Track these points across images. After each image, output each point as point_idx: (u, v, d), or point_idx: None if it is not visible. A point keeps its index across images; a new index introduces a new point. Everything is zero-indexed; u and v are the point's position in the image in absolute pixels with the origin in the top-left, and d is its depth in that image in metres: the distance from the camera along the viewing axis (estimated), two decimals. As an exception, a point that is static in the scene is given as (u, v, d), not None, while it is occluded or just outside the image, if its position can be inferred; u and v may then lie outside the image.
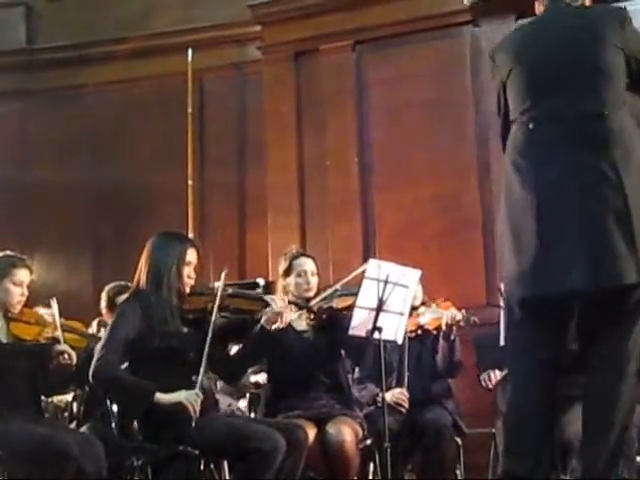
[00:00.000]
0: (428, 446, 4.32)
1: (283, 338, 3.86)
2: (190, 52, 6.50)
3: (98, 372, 3.35)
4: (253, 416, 4.44)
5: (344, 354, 4.12)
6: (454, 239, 6.01)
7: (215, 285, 3.66)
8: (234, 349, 3.94)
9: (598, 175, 2.64)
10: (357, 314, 3.82)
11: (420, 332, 4.60)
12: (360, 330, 3.83)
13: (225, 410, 4.38)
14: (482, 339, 4.83)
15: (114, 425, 3.49)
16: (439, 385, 4.65)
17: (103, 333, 4.10)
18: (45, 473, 3.27)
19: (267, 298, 3.70)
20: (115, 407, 3.58)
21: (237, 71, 7.30)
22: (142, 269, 3.58)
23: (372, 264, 3.87)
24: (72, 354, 3.67)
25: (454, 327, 4.52)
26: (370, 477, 4.28)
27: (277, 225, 6.51)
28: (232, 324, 3.69)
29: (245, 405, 4.86)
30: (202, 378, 3.39)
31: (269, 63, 6.82)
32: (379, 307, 3.81)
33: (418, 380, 4.55)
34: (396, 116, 6.39)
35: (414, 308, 4.46)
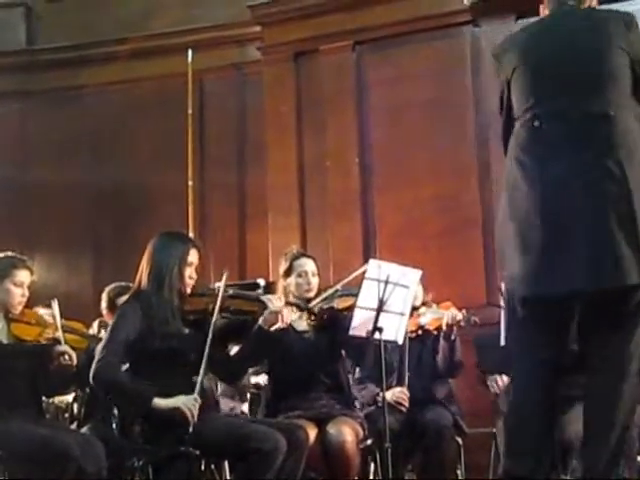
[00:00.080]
0: (429, 446, 4.32)
1: (283, 338, 3.86)
2: (190, 53, 6.50)
3: (98, 374, 3.35)
4: (253, 416, 4.43)
5: (344, 354, 4.12)
6: (454, 239, 6.01)
7: (215, 285, 3.66)
8: (234, 350, 3.93)
9: (602, 172, 2.63)
10: (358, 314, 3.82)
11: (421, 332, 4.60)
12: (361, 330, 3.82)
13: (227, 413, 4.37)
14: (482, 339, 4.83)
15: (115, 426, 3.49)
16: (442, 390, 4.63)
17: (104, 334, 4.10)
18: (46, 474, 3.27)
19: (263, 298, 3.69)
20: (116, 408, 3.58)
21: (237, 71, 7.30)
22: (143, 269, 3.57)
23: (372, 264, 3.87)
24: (72, 355, 3.67)
25: (454, 327, 4.51)
26: (371, 477, 4.28)
27: (277, 225, 6.51)
28: (232, 325, 3.68)
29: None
30: (201, 381, 3.39)
31: (269, 63, 6.82)
32: (380, 307, 3.81)
33: (419, 380, 4.55)
34: (396, 116, 6.39)
35: (415, 308, 4.46)
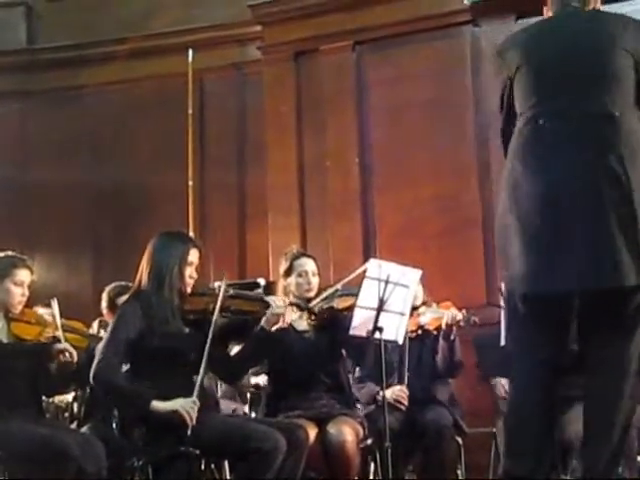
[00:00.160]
0: (429, 446, 4.32)
1: (284, 338, 3.86)
2: (190, 52, 6.50)
3: (98, 374, 3.35)
4: (254, 416, 4.43)
5: (345, 354, 4.13)
6: (454, 239, 6.01)
7: (216, 285, 3.66)
8: (235, 350, 3.94)
9: (605, 172, 2.63)
10: (358, 314, 3.82)
11: (420, 332, 4.60)
12: (361, 330, 3.82)
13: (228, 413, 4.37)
14: (482, 339, 4.83)
15: (115, 426, 3.48)
16: (442, 389, 4.62)
17: (104, 333, 4.11)
18: (45, 473, 3.26)
19: (267, 299, 3.70)
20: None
21: (237, 71, 7.30)
22: (144, 269, 3.57)
23: (373, 264, 3.87)
24: (73, 352, 3.66)
25: (454, 327, 4.51)
26: (371, 477, 4.28)
27: (277, 225, 6.51)
28: (233, 324, 3.68)
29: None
30: (201, 382, 3.38)
31: (269, 63, 6.82)
32: (380, 307, 3.81)
33: (418, 380, 4.54)
34: (396, 116, 6.39)
35: (414, 308, 4.46)
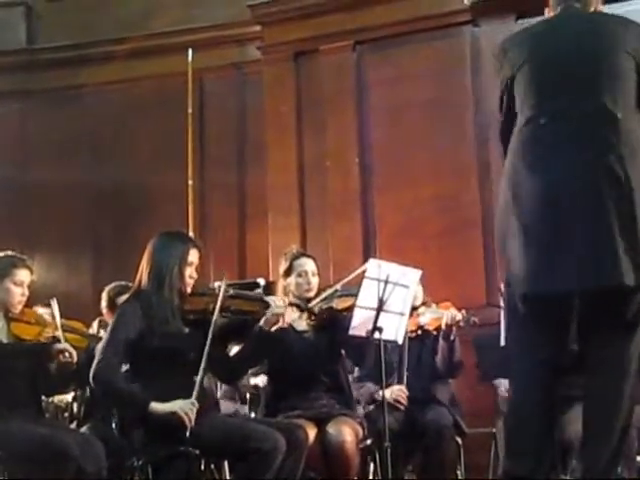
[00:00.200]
0: (429, 446, 4.31)
1: (283, 338, 3.86)
2: (190, 52, 6.51)
3: (98, 375, 3.34)
4: (253, 416, 4.43)
5: (344, 354, 4.12)
6: (454, 239, 6.01)
7: (215, 285, 3.66)
8: (234, 350, 3.93)
9: (605, 172, 2.63)
10: (357, 314, 3.81)
11: (420, 332, 4.60)
12: (360, 330, 3.82)
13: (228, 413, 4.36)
14: (482, 339, 4.83)
15: (114, 425, 3.48)
16: (442, 390, 4.61)
17: (104, 333, 4.10)
18: (45, 473, 3.27)
19: (267, 299, 3.70)
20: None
21: (237, 71, 7.30)
22: (144, 269, 3.56)
23: (372, 264, 3.87)
24: (72, 352, 3.67)
25: (454, 327, 4.51)
26: (370, 477, 4.28)
27: (277, 225, 6.51)
28: (233, 324, 3.68)
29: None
30: (200, 382, 3.37)
31: (269, 63, 6.82)
32: (379, 307, 3.81)
33: (418, 380, 4.54)
34: (396, 116, 6.39)
35: (414, 308, 4.46)
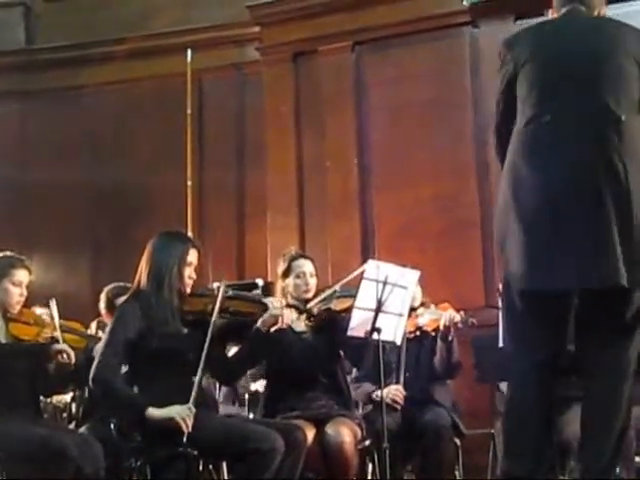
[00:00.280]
0: (427, 447, 4.30)
1: (282, 339, 3.86)
2: (189, 53, 6.52)
3: (97, 376, 3.34)
4: (252, 417, 4.43)
5: (343, 355, 4.13)
6: (453, 240, 6.01)
7: (214, 286, 3.65)
8: (232, 350, 3.93)
9: (605, 172, 2.64)
10: (356, 315, 3.81)
11: (418, 333, 4.60)
12: (359, 331, 3.82)
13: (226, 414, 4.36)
14: (480, 340, 4.82)
15: (113, 426, 3.48)
16: (440, 390, 4.61)
17: (102, 334, 4.10)
18: (44, 474, 3.27)
19: (265, 300, 3.70)
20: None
21: (236, 72, 7.30)
22: (143, 269, 3.55)
23: (371, 265, 3.87)
24: (70, 353, 3.67)
25: (452, 328, 4.51)
26: (369, 477, 4.28)
27: (276, 225, 6.51)
28: (231, 325, 3.68)
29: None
30: (198, 384, 3.37)
31: (268, 64, 6.82)
32: (378, 308, 3.81)
33: (417, 381, 4.53)
34: (395, 117, 6.39)
35: (413, 309, 4.46)
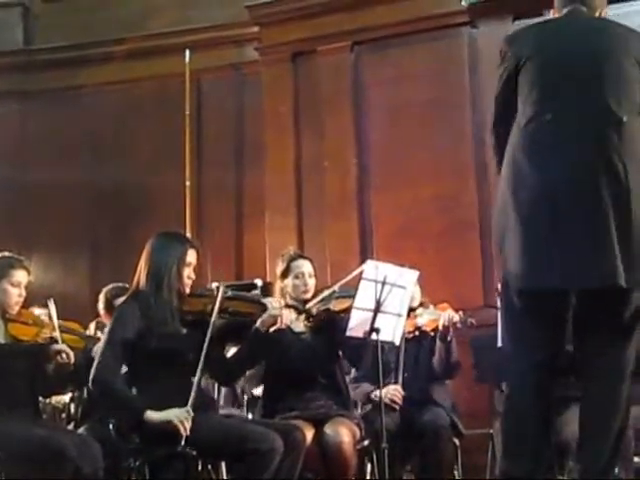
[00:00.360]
0: (426, 447, 4.30)
1: (281, 340, 3.87)
2: (188, 53, 6.52)
3: (97, 377, 3.34)
4: (251, 417, 4.43)
5: (342, 355, 4.13)
6: (452, 240, 6.01)
7: (213, 286, 3.65)
8: (231, 351, 3.94)
9: (605, 172, 2.64)
10: (355, 315, 3.82)
11: (417, 333, 4.60)
12: (358, 331, 3.82)
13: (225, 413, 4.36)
14: (479, 340, 4.83)
15: (112, 426, 3.48)
16: (439, 390, 4.61)
17: (101, 335, 4.10)
18: (43, 474, 3.27)
19: (264, 301, 3.70)
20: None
21: (235, 72, 7.30)
22: (142, 270, 3.55)
23: (370, 265, 3.87)
24: (70, 353, 3.66)
25: (451, 328, 4.51)
26: (368, 477, 4.28)
27: (275, 225, 6.51)
28: (231, 326, 3.68)
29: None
30: (197, 385, 3.37)
31: (267, 64, 6.82)
32: (377, 308, 3.81)
33: (416, 381, 4.53)
34: (394, 117, 6.39)
35: (412, 309, 4.46)
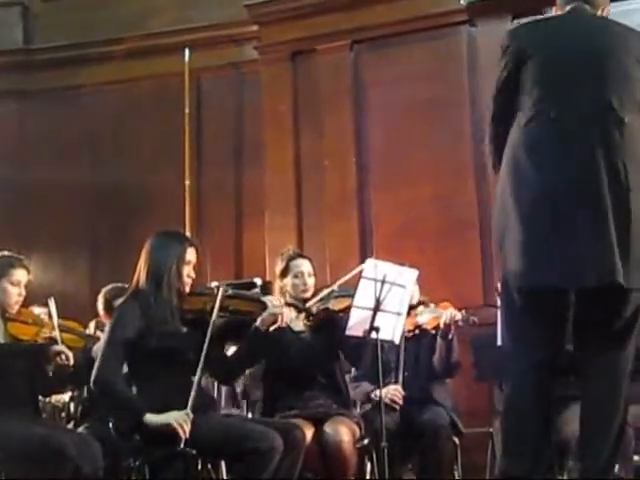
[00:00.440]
0: (426, 446, 4.30)
1: (280, 339, 3.87)
2: (187, 52, 6.52)
3: (98, 377, 3.34)
4: (250, 416, 4.43)
5: (341, 354, 4.13)
6: (451, 239, 6.00)
7: (213, 285, 3.65)
8: (231, 350, 3.93)
9: (606, 171, 2.65)
10: (354, 314, 3.82)
11: (418, 332, 4.60)
12: (357, 330, 3.82)
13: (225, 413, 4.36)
14: (479, 339, 4.82)
15: (112, 426, 3.48)
16: (439, 389, 4.61)
17: (100, 334, 4.11)
18: (43, 473, 3.27)
19: (264, 299, 3.69)
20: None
21: (234, 71, 7.29)
22: (141, 269, 3.55)
23: (369, 264, 3.87)
24: (69, 355, 3.67)
25: (452, 327, 4.51)
26: (367, 477, 4.28)
27: (274, 225, 6.51)
28: (231, 324, 3.68)
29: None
30: (197, 385, 3.37)
31: (266, 63, 6.82)
32: (376, 307, 3.81)
33: (416, 380, 4.54)
34: (393, 115, 6.38)
35: (412, 307, 4.45)
